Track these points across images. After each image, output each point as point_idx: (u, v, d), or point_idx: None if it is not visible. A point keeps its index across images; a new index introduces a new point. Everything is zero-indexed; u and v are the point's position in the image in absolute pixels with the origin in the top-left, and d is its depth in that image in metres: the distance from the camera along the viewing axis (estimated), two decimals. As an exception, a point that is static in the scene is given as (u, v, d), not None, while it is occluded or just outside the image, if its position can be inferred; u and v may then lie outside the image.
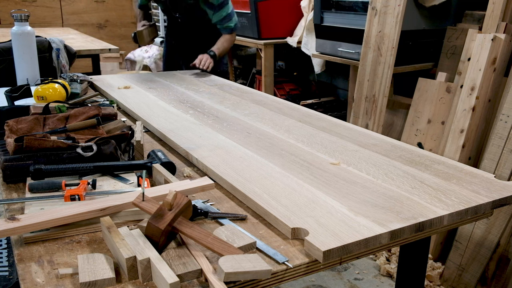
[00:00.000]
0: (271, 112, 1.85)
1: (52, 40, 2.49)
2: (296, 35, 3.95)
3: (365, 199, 1.10)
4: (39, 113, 1.55)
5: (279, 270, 0.87)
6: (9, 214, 1.03)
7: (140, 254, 0.82)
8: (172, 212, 0.89)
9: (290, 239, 0.96)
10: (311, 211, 1.03)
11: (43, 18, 7.15)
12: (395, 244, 1.00)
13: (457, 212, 1.06)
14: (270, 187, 1.15)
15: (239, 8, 4.28)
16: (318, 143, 1.49)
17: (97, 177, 1.19)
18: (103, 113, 1.53)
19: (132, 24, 8.02)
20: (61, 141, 1.25)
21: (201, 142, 1.47)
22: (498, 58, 2.32)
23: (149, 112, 1.81)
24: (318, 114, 1.82)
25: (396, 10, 2.62)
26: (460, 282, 2.25)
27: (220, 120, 1.72)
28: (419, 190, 1.15)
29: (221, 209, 1.09)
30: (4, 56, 2.26)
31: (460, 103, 2.38)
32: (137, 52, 6.53)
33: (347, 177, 1.23)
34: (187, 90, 2.23)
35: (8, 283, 1.90)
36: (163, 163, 1.23)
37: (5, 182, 1.20)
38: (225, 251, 0.85)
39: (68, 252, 0.91)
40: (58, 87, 1.83)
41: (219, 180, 1.22)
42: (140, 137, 1.38)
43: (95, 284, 0.80)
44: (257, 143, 1.48)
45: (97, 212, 0.97)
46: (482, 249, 2.17)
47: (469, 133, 2.34)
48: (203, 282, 0.82)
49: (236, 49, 5.15)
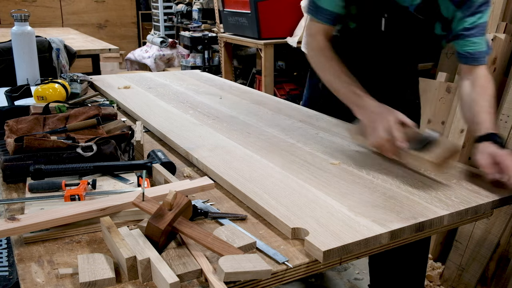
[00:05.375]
0: (271, 112, 1.85)
1: (52, 40, 2.49)
2: (296, 35, 3.95)
3: (365, 199, 1.10)
4: (39, 113, 1.55)
5: (279, 270, 0.86)
6: (9, 214, 1.03)
7: (140, 254, 0.82)
8: (172, 212, 0.89)
9: (290, 239, 0.96)
10: (311, 211, 1.03)
11: (43, 18, 7.15)
12: (395, 244, 1.00)
13: (457, 212, 1.06)
14: (270, 187, 1.15)
15: (239, 8, 4.28)
16: (318, 143, 1.49)
17: (97, 177, 1.19)
18: (103, 113, 1.53)
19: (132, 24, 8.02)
20: (61, 141, 1.25)
21: (201, 142, 1.47)
22: (498, 58, 2.32)
23: (149, 112, 1.81)
24: (318, 114, 1.82)
25: (396, 10, 2.61)
26: (460, 282, 2.25)
27: (220, 120, 1.72)
28: (419, 190, 1.15)
29: (221, 209, 1.09)
30: (4, 56, 2.26)
31: (460, 103, 2.38)
32: (137, 52, 6.54)
33: (347, 177, 1.23)
34: (187, 90, 2.23)
35: (8, 283, 1.90)
36: (163, 163, 1.23)
37: (5, 182, 1.20)
38: (225, 251, 0.85)
39: (68, 252, 0.91)
40: (58, 87, 1.83)
41: (219, 180, 1.22)
42: (140, 137, 1.38)
43: (95, 284, 0.80)
44: (257, 143, 1.48)
45: (97, 212, 0.97)
46: (482, 249, 2.17)
47: (469, 133, 2.34)
48: (203, 282, 0.82)
49: (236, 49, 5.14)
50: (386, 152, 1.23)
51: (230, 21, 4.55)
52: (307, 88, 1.99)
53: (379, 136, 1.21)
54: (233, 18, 4.46)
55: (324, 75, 1.51)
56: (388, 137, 1.20)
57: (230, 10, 4.48)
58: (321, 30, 1.54)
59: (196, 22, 6.02)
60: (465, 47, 1.46)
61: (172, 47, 6.37)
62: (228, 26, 4.66)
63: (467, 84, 1.45)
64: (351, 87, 1.38)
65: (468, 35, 1.44)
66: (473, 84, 1.43)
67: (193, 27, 5.83)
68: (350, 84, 1.39)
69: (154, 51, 6.31)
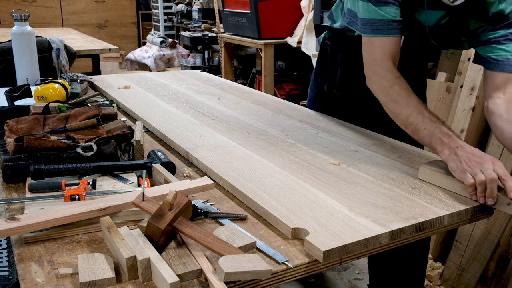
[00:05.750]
0: (271, 112, 1.85)
1: (52, 40, 2.49)
2: (296, 35, 3.95)
3: (365, 199, 1.10)
4: (39, 113, 1.55)
5: (279, 270, 0.87)
6: (9, 214, 1.03)
7: (140, 254, 0.82)
8: (172, 212, 0.89)
9: (290, 239, 0.96)
10: (311, 211, 1.03)
11: (43, 18, 7.15)
12: (395, 244, 1.00)
13: (457, 213, 1.06)
14: (270, 187, 1.15)
15: (239, 8, 4.28)
16: (318, 143, 1.49)
17: (97, 177, 1.19)
18: (103, 113, 1.53)
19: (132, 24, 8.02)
20: (61, 141, 1.25)
21: (201, 142, 1.47)
22: (498, 58, 2.32)
23: (149, 112, 1.81)
24: (318, 114, 1.82)
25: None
26: (460, 282, 2.25)
27: (220, 120, 1.72)
28: (419, 191, 1.15)
29: (221, 209, 1.09)
30: (4, 56, 2.26)
31: (460, 103, 2.38)
32: (137, 52, 6.53)
33: (347, 177, 1.23)
34: (187, 90, 2.23)
35: (8, 283, 1.90)
36: (163, 163, 1.23)
37: (5, 182, 1.20)
38: (225, 251, 0.85)
39: (68, 252, 0.91)
40: (58, 87, 1.83)
41: (219, 180, 1.22)
42: (140, 137, 1.38)
43: (95, 284, 0.80)
44: (257, 143, 1.48)
45: (97, 212, 0.97)
46: (482, 249, 2.17)
47: (469, 133, 2.34)
48: (203, 282, 0.82)
49: (236, 49, 5.14)
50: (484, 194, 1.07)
51: (230, 21, 4.55)
52: (311, 89, 1.89)
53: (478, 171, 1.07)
54: (233, 18, 4.47)
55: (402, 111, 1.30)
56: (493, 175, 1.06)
57: (230, 10, 4.48)
58: (387, 52, 1.35)
59: (196, 22, 6.02)
60: (495, 52, 1.34)
61: (172, 47, 6.37)
62: (228, 26, 4.66)
63: (500, 100, 1.29)
64: (436, 124, 1.24)
65: (496, 42, 1.33)
66: (509, 99, 1.28)
67: (193, 27, 5.83)
68: (434, 121, 1.24)
69: (154, 51, 6.30)
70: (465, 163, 1.11)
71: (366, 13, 1.35)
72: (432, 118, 1.25)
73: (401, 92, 1.31)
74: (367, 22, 1.36)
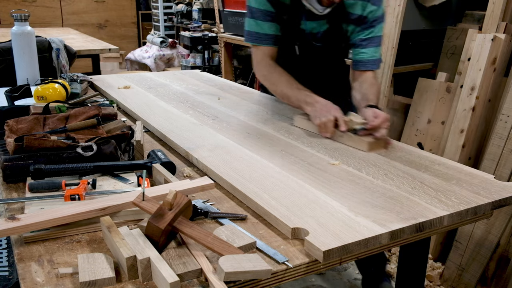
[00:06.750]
0: (271, 112, 1.85)
1: (52, 40, 2.49)
2: (296, 35, 3.94)
3: (365, 200, 1.10)
4: (39, 113, 1.55)
5: (279, 270, 0.87)
6: (9, 214, 1.03)
7: (140, 253, 0.82)
8: (172, 211, 0.89)
9: (290, 239, 0.97)
10: (311, 211, 1.03)
11: (43, 18, 7.15)
12: (395, 244, 1.00)
13: (457, 213, 1.06)
14: (270, 187, 1.15)
15: (239, 8, 4.28)
16: (318, 143, 1.49)
17: (97, 177, 1.19)
18: (103, 113, 1.53)
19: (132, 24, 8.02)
20: (61, 141, 1.25)
21: (201, 142, 1.47)
22: (498, 58, 2.32)
23: (149, 112, 1.81)
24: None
25: (396, 10, 2.62)
26: (460, 282, 2.25)
27: (220, 120, 1.72)
28: (419, 191, 1.15)
29: (221, 209, 1.09)
30: (4, 56, 2.26)
31: (460, 103, 2.38)
32: (137, 52, 6.53)
33: (347, 178, 1.23)
34: (187, 90, 2.23)
35: (8, 283, 1.90)
36: (163, 163, 1.23)
37: (5, 181, 1.20)
38: (225, 251, 0.85)
39: (68, 252, 0.91)
40: (58, 87, 1.83)
41: (219, 180, 1.22)
42: (140, 137, 1.38)
43: (95, 283, 0.80)
44: (257, 143, 1.48)
45: (97, 211, 0.97)
46: (482, 249, 2.17)
47: (469, 133, 2.34)
48: (203, 282, 0.82)
49: (236, 49, 5.14)
50: (326, 131, 1.52)
51: (230, 21, 4.55)
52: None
53: (324, 116, 1.52)
54: (233, 18, 4.46)
55: (277, 88, 1.76)
56: (331, 117, 1.50)
57: (230, 10, 4.47)
58: (267, 53, 1.80)
59: (196, 22, 6.02)
60: (357, 55, 1.77)
61: (172, 47, 6.37)
62: (228, 26, 4.66)
63: (357, 84, 1.75)
64: (301, 91, 1.66)
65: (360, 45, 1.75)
66: (361, 84, 1.73)
67: (193, 27, 5.83)
68: (300, 89, 1.68)
69: (154, 51, 6.30)
70: (318, 112, 1.55)
71: (249, 26, 1.80)
72: (300, 88, 1.68)
73: (276, 76, 1.76)
74: (248, 33, 1.81)
